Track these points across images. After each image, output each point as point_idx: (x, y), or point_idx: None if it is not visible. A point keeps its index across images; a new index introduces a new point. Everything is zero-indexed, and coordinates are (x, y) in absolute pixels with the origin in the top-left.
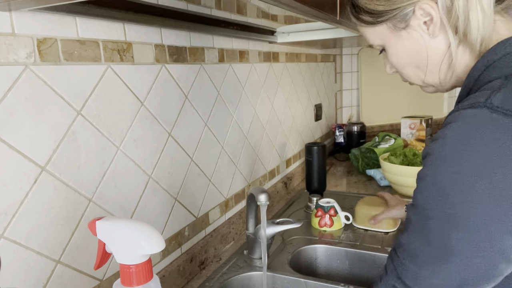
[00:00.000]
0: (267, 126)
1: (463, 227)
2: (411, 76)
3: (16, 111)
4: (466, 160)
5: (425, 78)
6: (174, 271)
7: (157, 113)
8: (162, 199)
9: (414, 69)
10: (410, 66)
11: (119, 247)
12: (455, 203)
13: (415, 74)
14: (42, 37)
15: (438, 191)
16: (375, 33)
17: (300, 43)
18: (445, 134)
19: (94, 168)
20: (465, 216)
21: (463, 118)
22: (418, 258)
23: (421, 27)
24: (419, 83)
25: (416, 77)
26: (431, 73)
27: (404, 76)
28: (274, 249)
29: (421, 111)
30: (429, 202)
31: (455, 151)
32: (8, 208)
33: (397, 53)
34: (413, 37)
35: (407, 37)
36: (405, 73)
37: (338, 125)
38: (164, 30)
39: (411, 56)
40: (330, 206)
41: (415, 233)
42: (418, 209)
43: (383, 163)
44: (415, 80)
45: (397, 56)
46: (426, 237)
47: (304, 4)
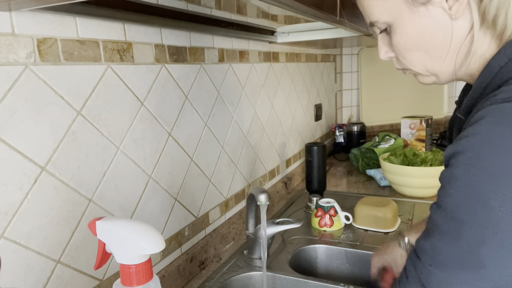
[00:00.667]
0: (267, 126)
1: (502, 232)
2: (414, 62)
3: (16, 111)
4: (506, 159)
5: (431, 66)
6: (174, 271)
7: (157, 113)
8: (162, 199)
9: (421, 54)
10: (418, 50)
11: (119, 247)
12: (493, 206)
13: (420, 61)
14: (42, 37)
15: (474, 194)
16: (386, 7)
17: (300, 43)
18: (479, 130)
19: (94, 168)
20: (504, 221)
21: (499, 113)
22: (447, 265)
23: (442, 4)
24: (421, 71)
25: (419, 64)
26: (440, 60)
27: (404, 62)
28: (274, 249)
29: (421, 111)
30: (462, 206)
31: (492, 149)
32: (8, 208)
33: (408, 33)
34: (431, 16)
35: (425, 15)
36: (408, 58)
37: (338, 125)
38: (164, 30)
39: (423, 38)
40: (330, 206)
41: (444, 238)
42: (447, 213)
43: (383, 163)
44: (417, 67)
45: (407, 36)
46: (457, 243)
47: (304, 4)
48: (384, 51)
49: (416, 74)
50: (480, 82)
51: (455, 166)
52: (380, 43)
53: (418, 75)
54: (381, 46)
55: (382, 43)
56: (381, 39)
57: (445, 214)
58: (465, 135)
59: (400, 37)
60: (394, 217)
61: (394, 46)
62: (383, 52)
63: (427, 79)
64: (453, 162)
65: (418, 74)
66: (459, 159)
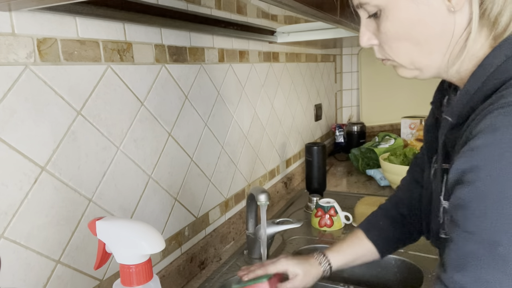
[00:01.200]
0: (267, 126)
1: None
2: (400, 53)
3: (16, 111)
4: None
5: (417, 59)
6: (174, 271)
7: (157, 113)
8: (162, 199)
9: (410, 45)
10: (408, 40)
11: (119, 247)
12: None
13: (407, 52)
14: (42, 37)
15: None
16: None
17: (300, 43)
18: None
19: (94, 168)
20: None
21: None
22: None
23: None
24: (405, 64)
25: (406, 56)
26: (430, 54)
27: (389, 51)
28: (274, 249)
29: (421, 111)
30: (497, 227)
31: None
32: (8, 208)
33: (402, 20)
34: (430, 4)
35: (423, 3)
36: (395, 48)
37: (338, 125)
38: (164, 30)
39: (417, 28)
40: (330, 206)
41: (493, 268)
42: (476, 237)
43: (383, 163)
44: (402, 59)
45: (399, 24)
46: (504, 271)
47: (304, 4)
48: (366, 37)
49: (397, 66)
50: (474, 82)
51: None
52: (363, 28)
53: (400, 67)
54: (364, 31)
55: (365, 29)
56: (366, 24)
57: (482, 240)
58: (479, 145)
59: (392, 24)
60: None
61: (382, 33)
62: (366, 38)
63: (408, 73)
64: (473, 178)
65: (400, 66)
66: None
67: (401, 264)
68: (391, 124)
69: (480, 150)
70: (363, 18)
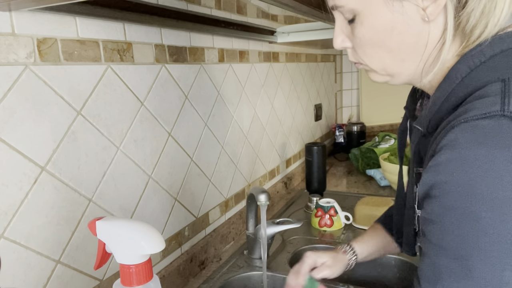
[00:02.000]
0: (267, 126)
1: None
2: (373, 59)
3: (16, 111)
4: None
5: (390, 66)
6: (174, 271)
7: (157, 113)
8: (162, 199)
9: (383, 52)
10: (381, 47)
11: (119, 247)
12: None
13: (379, 59)
14: (42, 37)
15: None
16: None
17: (300, 43)
18: (462, 154)
19: (94, 168)
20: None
21: (479, 131)
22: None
23: (418, 2)
24: (377, 69)
25: (378, 62)
26: (403, 62)
27: (362, 56)
28: (274, 249)
29: None
30: (466, 241)
31: (484, 173)
32: (8, 208)
33: (376, 27)
34: (405, 13)
35: (398, 11)
36: (368, 53)
37: (338, 125)
38: (164, 30)
39: (390, 36)
40: (330, 206)
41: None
42: (446, 251)
43: (383, 163)
44: (374, 65)
45: (373, 31)
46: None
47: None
48: (340, 40)
49: (369, 70)
50: (440, 94)
51: (445, 197)
52: (337, 29)
53: (372, 71)
54: (338, 33)
55: (340, 31)
56: (340, 26)
57: (452, 254)
58: (444, 161)
59: (366, 30)
60: None
61: (356, 38)
62: (339, 40)
63: (379, 78)
64: (439, 193)
65: (371, 70)
66: (447, 188)
67: (401, 264)
68: (391, 124)
69: (444, 166)
70: (338, 20)
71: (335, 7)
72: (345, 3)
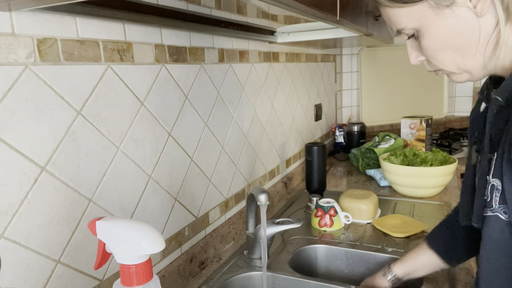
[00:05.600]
0: (267, 126)
1: None
2: (446, 62)
3: (16, 111)
4: None
5: (462, 63)
6: (174, 271)
7: (157, 113)
8: (162, 199)
9: (452, 53)
10: (448, 49)
11: (119, 247)
12: None
13: (451, 59)
14: (42, 37)
15: None
16: (411, 14)
17: (300, 43)
18: None
19: (94, 168)
20: None
21: None
22: None
23: (466, 4)
24: (454, 70)
25: (452, 63)
26: (471, 56)
27: (436, 62)
28: (274, 249)
29: (421, 111)
30: None
31: None
32: (8, 208)
33: (437, 35)
34: (457, 16)
35: (451, 16)
36: (439, 58)
37: (338, 125)
38: (164, 30)
39: (452, 37)
40: (330, 206)
41: None
42: None
43: (383, 163)
44: (449, 67)
45: (435, 38)
46: None
47: (304, 4)
48: (414, 56)
49: (449, 73)
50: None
51: None
52: (409, 48)
53: (452, 74)
54: (411, 51)
55: (411, 48)
56: (410, 44)
57: None
58: None
59: (429, 40)
60: (375, 208)
61: (424, 49)
62: (413, 56)
63: (460, 77)
64: None
65: (451, 73)
66: None
67: None
68: (391, 124)
69: None
70: (405, 40)
71: (399, 31)
72: (404, 26)
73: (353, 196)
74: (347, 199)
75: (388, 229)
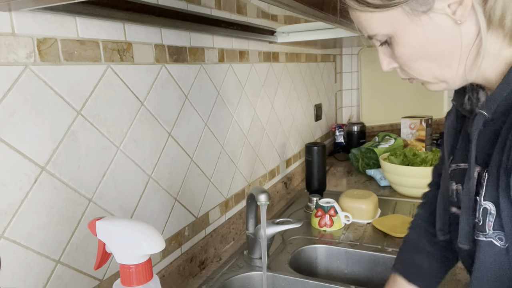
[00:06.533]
0: (267, 126)
1: None
2: (422, 71)
3: (16, 111)
4: None
5: (439, 73)
6: (174, 271)
7: (157, 113)
8: (162, 199)
9: (428, 62)
10: (424, 59)
11: (119, 247)
12: None
13: (427, 69)
14: (42, 37)
15: None
16: (384, 19)
17: (300, 43)
18: None
19: (94, 168)
20: None
21: None
22: None
23: (445, 10)
24: (430, 79)
25: (428, 72)
26: (449, 66)
27: (410, 71)
28: (274, 249)
29: (421, 111)
30: None
31: None
32: (8, 208)
33: (412, 43)
34: (435, 23)
35: (428, 23)
36: (414, 67)
37: (338, 125)
38: (164, 30)
39: (429, 46)
40: (330, 206)
41: None
42: None
43: (383, 163)
44: (425, 76)
45: (410, 47)
46: None
47: (304, 4)
48: (386, 62)
49: (424, 82)
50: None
51: None
52: (381, 55)
53: (427, 83)
54: (383, 58)
55: (383, 55)
56: (382, 51)
57: None
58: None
59: (404, 48)
60: (375, 208)
61: (398, 57)
62: (386, 63)
63: (436, 87)
64: None
65: (426, 82)
66: None
67: None
68: (391, 124)
69: None
70: (377, 46)
71: (371, 37)
72: (377, 32)
73: (353, 196)
74: (347, 199)
75: (388, 229)
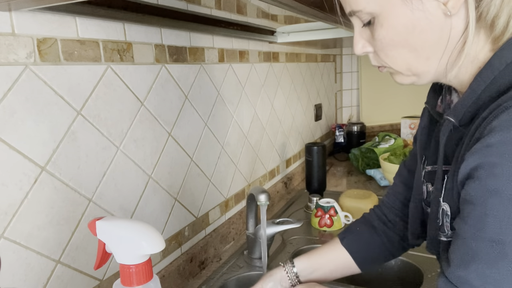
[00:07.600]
0: (267, 126)
1: None
2: (397, 60)
3: (16, 111)
4: None
5: (415, 66)
6: (174, 271)
7: (157, 113)
8: (162, 199)
9: (407, 52)
10: (404, 47)
11: (119, 247)
12: None
13: (403, 59)
14: (42, 37)
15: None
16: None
17: (300, 43)
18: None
19: (94, 168)
20: None
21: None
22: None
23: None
24: (402, 70)
25: (403, 63)
26: (427, 60)
27: (385, 59)
28: (274, 249)
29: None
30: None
31: None
32: (8, 208)
33: (397, 27)
34: (425, 10)
35: (418, 8)
36: (391, 55)
37: (338, 125)
38: (164, 30)
39: (413, 34)
40: (330, 206)
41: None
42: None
43: (383, 163)
44: (398, 66)
45: (394, 31)
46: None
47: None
48: (361, 45)
49: (394, 72)
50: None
51: (491, 179)
52: (357, 35)
53: (397, 74)
54: (358, 39)
55: (359, 36)
56: (359, 31)
57: (488, 237)
58: (496, 142)
59: (387, 31)
60: None
61: (377, 40)
62: (360, 46)
63: (405, 79)
64: (485, 174)
65: (397, 73)
66: (497, 170)
67: (401, 264)
68: (391, 124)
69: (496, 147)
70: (357, 26)
71: (353, 13)
72: (362, 7)
73: (353, 196)
74: (347, 199)
75: None
